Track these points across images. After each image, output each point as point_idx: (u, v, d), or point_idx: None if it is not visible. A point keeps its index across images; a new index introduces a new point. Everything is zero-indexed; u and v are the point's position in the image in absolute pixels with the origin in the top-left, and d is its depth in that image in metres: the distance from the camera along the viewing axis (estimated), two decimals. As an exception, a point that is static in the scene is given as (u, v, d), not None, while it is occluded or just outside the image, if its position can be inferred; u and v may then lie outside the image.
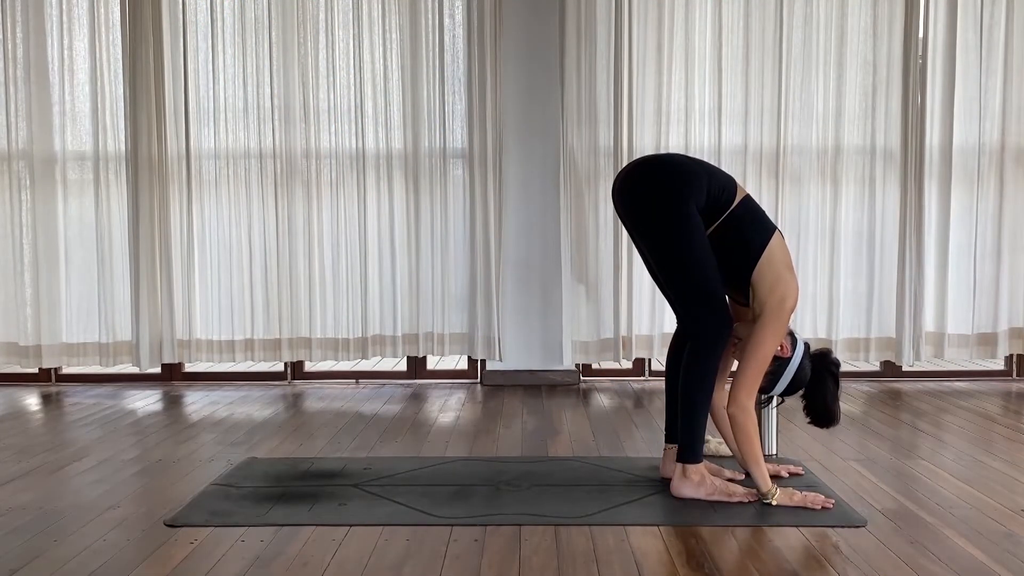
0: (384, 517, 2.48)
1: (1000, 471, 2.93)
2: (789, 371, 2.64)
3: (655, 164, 2.72)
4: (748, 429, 2.55)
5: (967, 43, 4.56)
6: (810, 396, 2.69)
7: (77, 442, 3.42)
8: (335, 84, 4.58)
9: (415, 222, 4.59)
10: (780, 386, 2.67)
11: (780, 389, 2.68)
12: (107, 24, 4.55)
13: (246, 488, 2.76)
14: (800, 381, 2.67)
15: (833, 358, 2.72)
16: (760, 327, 2.56)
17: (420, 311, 4.62)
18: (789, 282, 2.59)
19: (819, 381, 2.68)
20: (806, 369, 2.66)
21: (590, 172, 4.55)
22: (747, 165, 4.54)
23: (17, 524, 2.45)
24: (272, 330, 4.63)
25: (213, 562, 2.17)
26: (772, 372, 2.63)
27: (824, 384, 2.67)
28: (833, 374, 2.69)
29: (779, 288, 2.56)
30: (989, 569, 2.10)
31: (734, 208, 2.60)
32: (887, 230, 4.61)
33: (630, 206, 2.64)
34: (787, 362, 2.64)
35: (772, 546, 2.26)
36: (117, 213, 4.60)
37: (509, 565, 2.14)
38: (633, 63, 4.51)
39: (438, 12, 4.55)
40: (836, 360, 2.73)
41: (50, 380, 4.78)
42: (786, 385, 2.67)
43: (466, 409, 4.05)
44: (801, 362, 2.65)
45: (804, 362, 2.66)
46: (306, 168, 4.59)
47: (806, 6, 4.53)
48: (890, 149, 4.58)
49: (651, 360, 4.80)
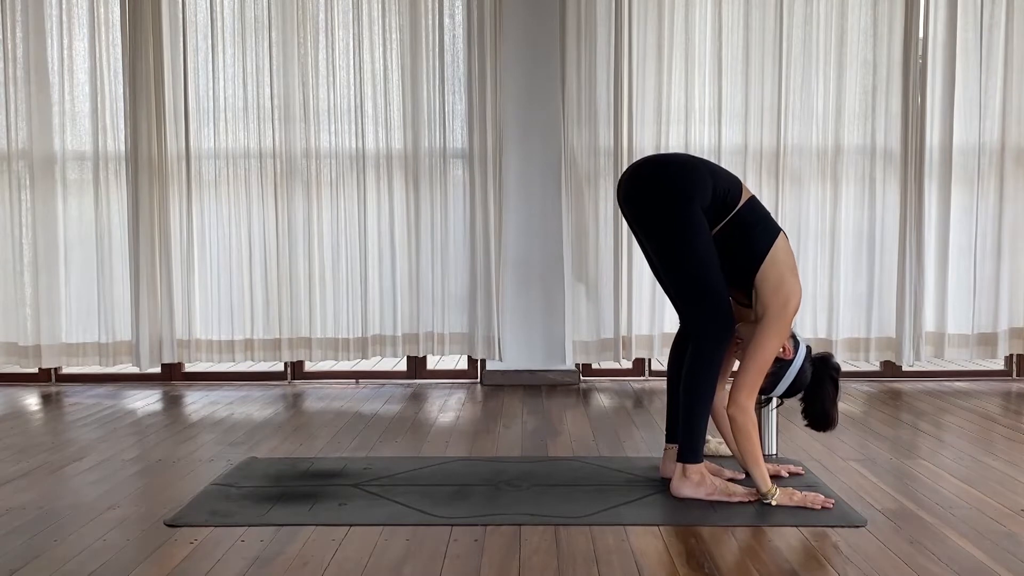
0: (384, 517, 2.48)
1: (1000, 471, 2.93)
2: (790, 373, 2.64)
3: (661, 164, 2.72)
4: (748, 430, 2.56)
5: (967, 43, 4.56)
6: (809, 399, 2.69)
7: (77, 442, 3.42)
8: (335, 84, 4.58)
9: (415, 222, 4.59)
10: (780, 388, 2.66)
11: (780, 391, 2.68)
12: (107, 24, 4.56)
13: (246, 488, 2.76)
14: (800, 384, 2.67)
15: (834, 362, 2.72)
16: (762, 328, 2.56)
17: (420, 311, 4.61)
18: (793, 284, 2.59)
19: (819, 385, 2.67)
20: (807, 372, 2.66)
21: (590, 172, 4.55)
22: (747, 165, 4.54)
23: (17, 524, 2.45)
24: (272, 330, 4.63)
25: (213, 562, 2.17)
26: (773, 373, 2.63)
27: (824, 388, 2.67)
28: (833, 378, 2.69)
29: (783, 290, 2.57)
30: (989, 569, 2.10)
31: (739, 209, 2.60)
32: (887, 230, 4.60)
33: (635, 206, 2.64)
34: (788, 364, 2.63)
35: (772, 546, 2.27)
36: (117, 213, 4.60)
37: (509, 565, 2.14)
38: (633, 63, 4.51)
39: (438, 12, 4.55)
40: (837, 364, 2.73)
41: (50, 380, 4.78)
42: (787, 387, 2.66)
43: (466, 409, 4.05)
44: (802, 365, 2.65)
45: (805, 365, 2.66)
46: (306, 168, 4.59)
47: (806, 6, 4.53)
48: (890, 149, 4.58)
49: (651, 360, 4.80)
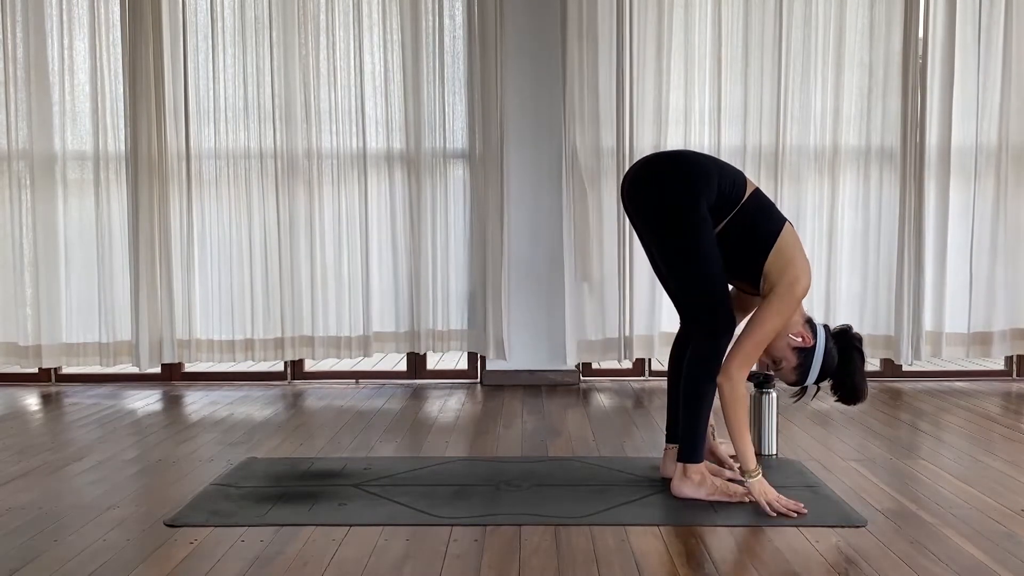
0: (384, 517, 2.48)
1: (1000, 471, 2.93)
2: (817, 359, 2.60)
3: (668, 161, 2.71)
4: (735, 402, 2.53)
5: (965, 42, 4.56)
6: (840, 376, 2.64)
7: (77, 442, 3.42)
8: (336, 84, 4.58)
9: (416, 222, 4.59)
10: (812, 376, 2.62)
11: (813, 379, 2.63)
12: (107, 24, 4.55)
13: (246, 488, 2.76)
14: (830, 366, 2.62)
15: (854, 333, 2.68)
16: (766, 304, 2.53)
17: (422, 311, 4.61)
18: (803, 265, 2.56)
19: (847, 360, 2.63)
20: (833, 352, 2.62)
21: (592, 172, 4.54)
22: (746, 164, 4.53)
23: (17, 524, 2.45)
24: (273, 329, 4.63)
25: (213, 562, 2.17)
26: (800, 364, 2.60)
27: (852, 362, 2.63)
28: (859, 349, 2.66)
29: (791, 270, 2.54)
30: (989, 569, 2.10)
31: (744, 202, 2.59)
32: (886, 229, 4.60)
33: (640, 204, 2.63)
34: (812, 351, 2.60)
35: (772, 546, 2.26)
36: (117, 213, 4.60)
37: (509, 565, 2.14)
38: (634, 63, 4.51)
39: (438, 13, 4.54)
40: (858, 335, 2.69)
41: (50, 380, 4.77)
42: (817, 373, 2.62)
43: (466, 409, 4.05)
44: (826, 346, 2.61)
45: (829, 345, 2.61)
46: (307, 168, 4.59)
47: (805, 6, 4.53)
48: (889, 149, 4.58)
49: (651, 360, 4.80)
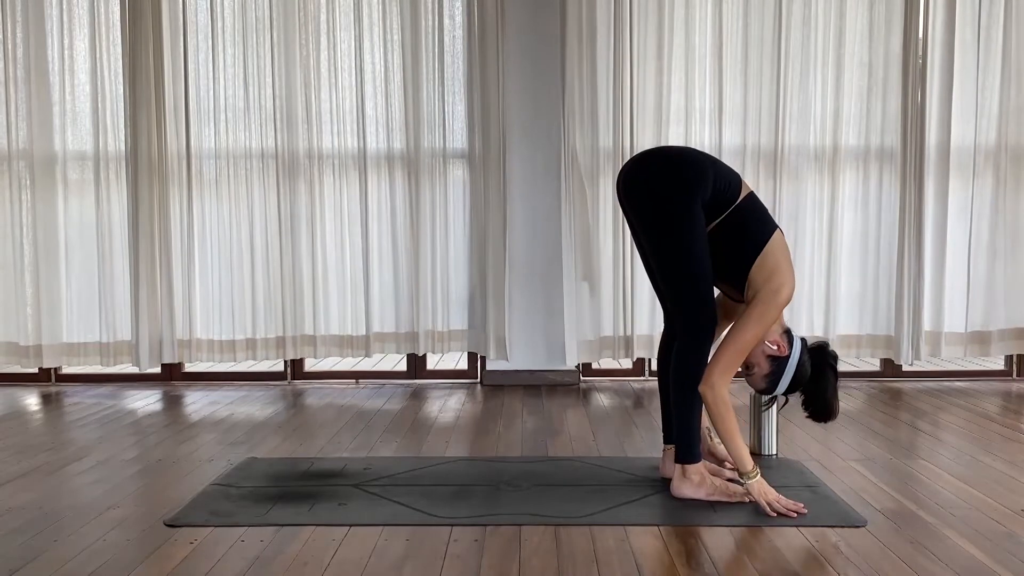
0: (384, 517, 2.48)
1: (1000, 471, 2.94)
2: (789, 369, 2.60)
3: (664, 157, 2.70)
4: (719, 409, 2.52)
5: (965, 42, 4.56)
6: (811, 391, 2.64)
7: (77, 442, 3.42)
8: (336, 85, 4.58)
9: (417, 222, 4.59)
10: (782, 386, 2.63)
11: (783, 389, 2.63)
12: (107, 24, 4.55)
13: (246, 488, 2.76)
14: (801, 378, 2.62)
15: (831, 350, 2.68)
16: (748, 311, 2.54)
17: (422, 311, 4.61)
18: (787, 275, 2.56)
19: (820, 376, 2.63)
20: (806, 365, 2.62)
21: (592, 171, 4.54)
22: (746, 164, 4.54)
23: (17, 524, 2.45)
24: (272, 329, 4.63)
25: (213, 562, 2.17)
26: (772, 372, 2.60)
27: (825, 378, 2.63)
28: (832, 367, 2.66)
29: (776, 278, 2.54)
30: (989, 569, 2.10)
31: (738, 204, 2.59)
32: (886, 229, 4.60)
33: (634, 198, 2.63)
34: (786, 360, 2.60)
35: (772, 546, 2.27)
36: (117, 213, 4.60)
37: (509, 565, 2.14)
38: (634, 63, 4.51)
39: (438, 13, 4.54)
40: (834, 353, 2.69)
41: (50, 380, 4.77)
42: (788, 384, 2.63)
43: (466, 409, 4.05)
44: (800, 358, 2.61)
45: (803, 358, 2.62)
46: (308, 168, 4.59)
47: (805, 7, 4.52)
48: (888, 148, 4.58)
49: (651, 360, 4.80)
